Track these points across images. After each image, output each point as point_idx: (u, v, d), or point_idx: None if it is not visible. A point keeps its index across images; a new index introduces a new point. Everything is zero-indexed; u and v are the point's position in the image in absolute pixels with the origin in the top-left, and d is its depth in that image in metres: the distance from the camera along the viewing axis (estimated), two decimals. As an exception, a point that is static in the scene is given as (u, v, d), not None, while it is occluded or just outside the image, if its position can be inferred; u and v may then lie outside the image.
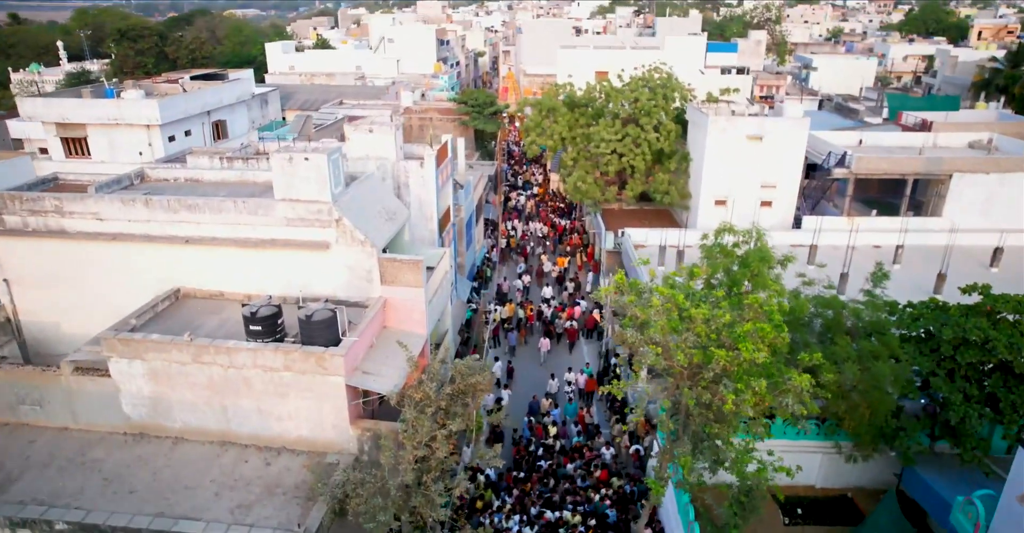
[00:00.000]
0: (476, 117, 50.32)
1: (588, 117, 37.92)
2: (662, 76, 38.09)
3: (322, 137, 47.18)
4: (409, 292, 20.24)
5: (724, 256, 20.53)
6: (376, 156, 25.47)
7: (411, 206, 26.06)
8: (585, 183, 35.78)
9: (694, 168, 35.56)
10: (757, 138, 33.10)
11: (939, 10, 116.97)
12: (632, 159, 35.29)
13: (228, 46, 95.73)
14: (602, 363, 29.45)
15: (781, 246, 34.05)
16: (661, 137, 35.36)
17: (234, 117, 36.33)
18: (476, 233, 35.86)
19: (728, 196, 34.25)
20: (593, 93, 37.93)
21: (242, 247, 20.25)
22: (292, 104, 61.15)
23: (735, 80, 49.46)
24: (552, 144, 37.61)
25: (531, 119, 38.46)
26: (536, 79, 74.30)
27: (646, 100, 35.45)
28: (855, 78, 79.19)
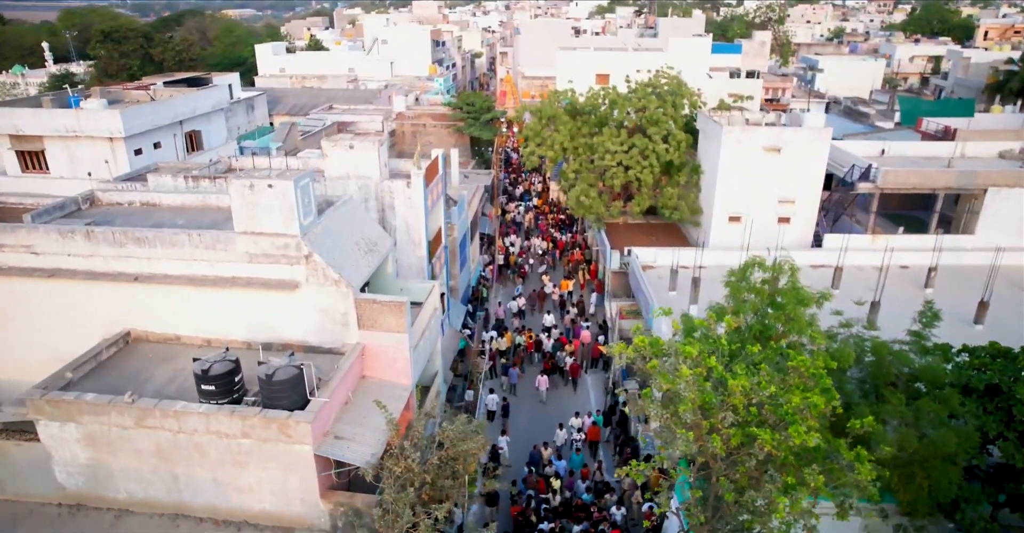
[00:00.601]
0: (472, 123, 47.49)
1: (591, 126, 35.14)
2: (670, 81, 35.30)
3: (308, 146, 44.39)
4: (391, 338, 17.46)
5: (753, 294, 17.74)
6: (358, 175, 22.69)
7: (397, 230, 23.28)
8: (588, 197, 33.00)
9: (705, 181, 32.79)
10: (775, 150, 30.34)
11: (944, 10, 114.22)
12: (639, 172, 32.52)
13: (219, 47, 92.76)
14: (608, 399, 26.68)
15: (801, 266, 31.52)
16: (671, 148, 32.59)
17: (210, 127, 33.53)
18: (471, 251, 33.07)
19: (743, 212, 31.49)
20: (596, 100, 35.12)
21: (198, 286, 17.45)
22: (280, 109, 58.31)
23: (744, 85, 46.69)
24: (553, 155, 34.83)
25: (530, 128, 35.66)
26: (535, 82, 71.47)
27: (654, 108, 32.66)
28: (862, 80, 76.48)
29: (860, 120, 61.19)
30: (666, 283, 28.56)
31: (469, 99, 48.48)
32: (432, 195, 24.25)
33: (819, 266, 30.64)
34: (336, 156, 22.51)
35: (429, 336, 19.80)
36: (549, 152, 34.69)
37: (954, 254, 29.53)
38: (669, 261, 30.43)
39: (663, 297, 27.49)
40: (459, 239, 29.76)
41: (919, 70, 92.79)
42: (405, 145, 49.83)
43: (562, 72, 60.59)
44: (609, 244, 33.00)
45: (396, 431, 15.59)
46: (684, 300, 26.63)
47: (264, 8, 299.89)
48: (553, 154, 34.74)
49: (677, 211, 32.61)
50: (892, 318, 24.54)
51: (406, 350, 17.58)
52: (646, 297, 27.91)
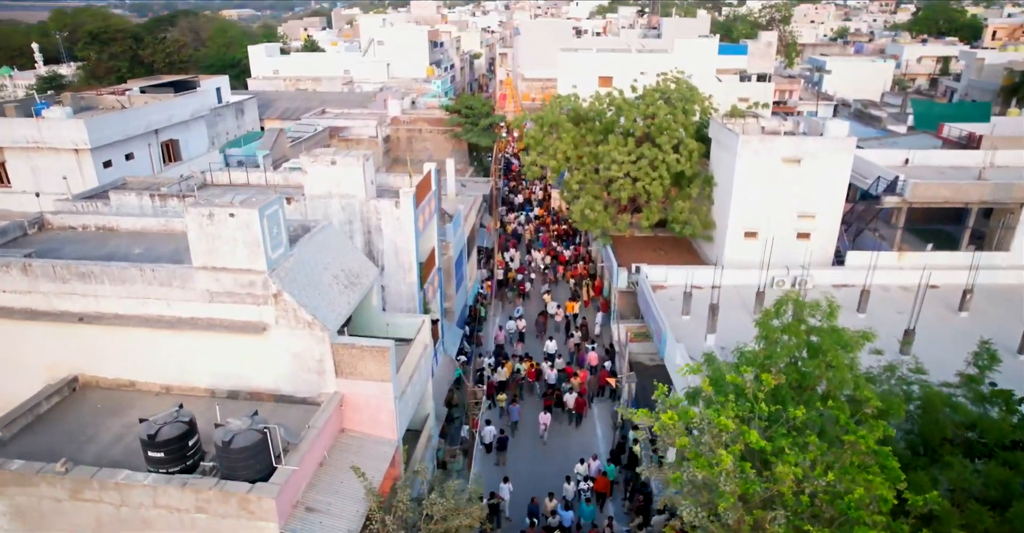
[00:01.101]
0: (470, 129, 45.17)
1: (596, 134, 32.81)
2: (680, 86, 32.97)
3: (298, 153, 42.08)
4: (374, 387, 15.17)
5: (787, 335, 15.43)
6: (341, 194, 20.38)
7: (384, 255, 20.96)
8: (593, 211, 30.68)
9: (719, 194, 30.48)
10: (795, 161, 28.04)
11: (951, 10, 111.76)
12: (648, 184, 30.20)
13: (212, 48, 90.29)
14: (616, 436, 24.37)
15: (822, 286, 29.25)
16: (682, 158, 30.28)
17: (189, 135, 31.21)
18: (468, 269, 30.77)
19: (760, 228, 29.19)
20: (601, 106, 32.80)
21: (153, 328, 15.15)
22: (272, 113, 55.99)
23: (755, 88, 44.33)
24: (555, 165, 32.50)
25: (531, 136, 33.33)
26: (535, 84, 69.15)
27: (664, 115, 30.34)
28: (871, 82, 74.16)
29: (872, 124, 58.82)
30: (679, 306, 26.25)
31: (467, 103, 46.17)
32: (424, 214, 21.94)
33: (841, 286, 28.37)
34: (317, 173, 20.20)
35: (419, 379, 17.49)
36: (551, 162, 32.38)
37: (988, 273, 27.24)
38: (681, 280, 28.15)
39: (676, 322, 25.20)
40: (455, 258, 27.46)
41: (927, 71, 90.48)
42: (400, 151, 47.53)
43: (564, 74, 58.29)
44: (616, 261, 30.68)
45: (379, 503, 13.31)
46: (699, 327, 24.34)
47: (263, 8, 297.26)
48: (555, 164, 32.43)
49: (689, 226, 30.30)
50: (929, 348, 22.33)
51: (391, 400, 15.29)
52: (657, 321, 25.61)
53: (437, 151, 47.27)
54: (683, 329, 24.63)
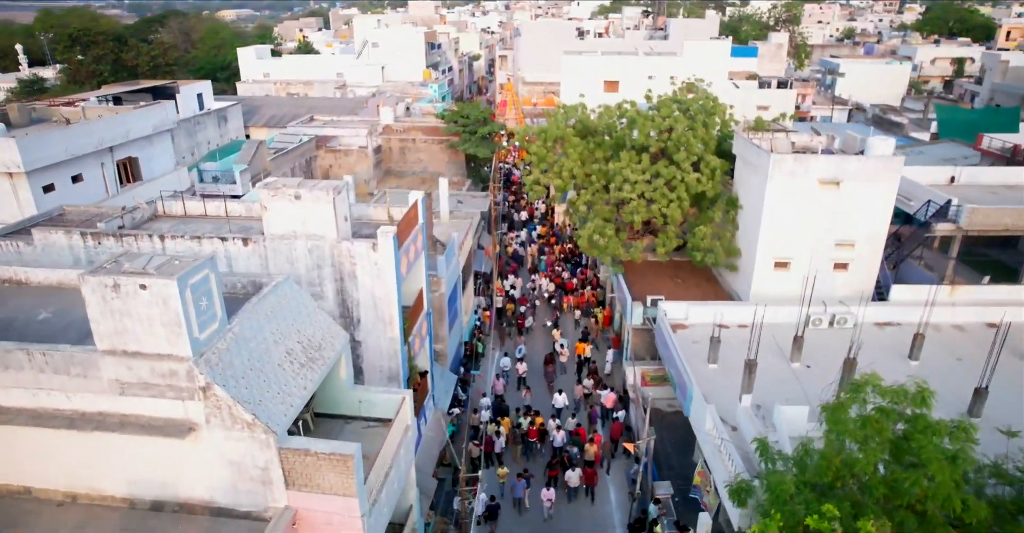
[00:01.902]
0: (467, 139, 41.59)
1: (606, 149, 29.24)
2: (698, 96, 29.42)
3: (281, 167, 38.54)
4: (335, 502, 11.63)
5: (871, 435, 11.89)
6: (307, 234, 16.82)
7: (360, 306, 17.41)
8: (603, 236, 27.10)
9: (745, 218, 26.91)
10: (833, 183, 24.47)
11: (962, 9, 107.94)
12: (664, 206, 26.63)
13: (203, 50, 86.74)
14: (634, 508, 20.81)
15: (863, 324, 25.70)
16: (703, 178, 26.71)
17: (152, 151, 27.66)
18: (462, 302, 27.20)
19: (792, 257, 25.63)
20: (611, 117, 29.22)
21: (49, 427, 11.62)
22: (257, 120, 52.44)
23: (775, 96, 40.70)
24: (560, 183, 28.91)
25: (533, 151, 29.73)
26: (537, 88, 65.58)
27: (682, 129, 26.77)
28: (887, 85, 70.60)
29: (892, 130, 55.18)
30: (703, 350, 22.72)
31: (464, 111, 42.57)
32: (409, 254, 18.38)
33: (885, 324, 24.87)
34: (278, 209, 16.63)
35: (397, 473, 13.94)
36: (556, 180, 28.79)
37: (1054, 311, 23.70)
38: (705, 318, 24.66)
39: (702, 372, 21.66)
40: (448, 294, 23.90)
41: (941, 73, 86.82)
42: (392, 162, 43.98)
43: (567, 78, 54.74)
44: (630, 293, 27.11)
45: None
46: (728, 378, 20.84)
47: (262, 8, 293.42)
48: (561, 183, 28.84)
49: (711, 254, 26.74)
50: (1004, 410, 18.85)
51: (357, 518, 11.75)
52: (679, 371, 22.09)
53: (432, 162, 43.73)
54: (711, 382, 21.12)
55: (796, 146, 28.11)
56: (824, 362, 22.51)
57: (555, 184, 28.86)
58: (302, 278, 17.12)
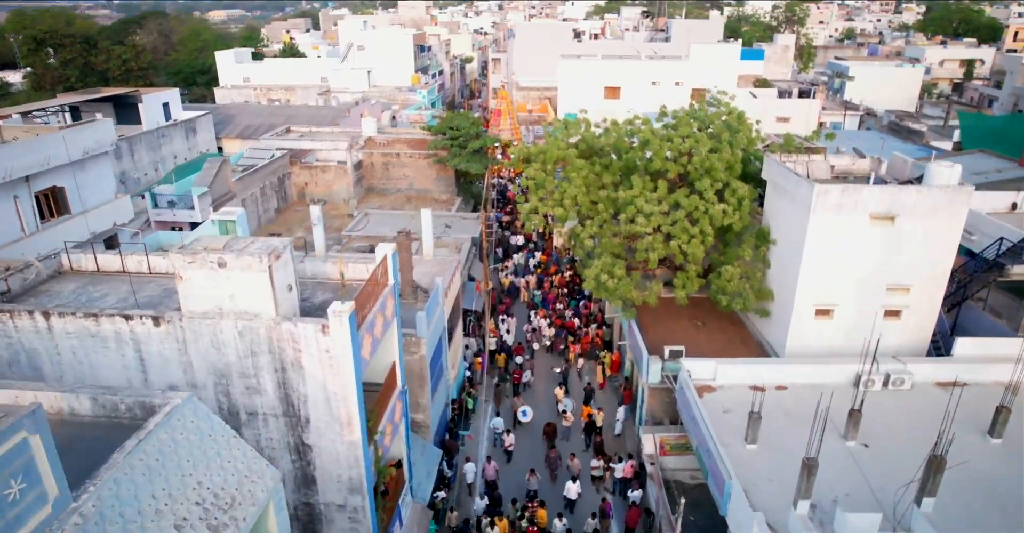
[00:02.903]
0: (456, 153, 37.36)
1: (614, 173, 25.10)
2: (720, 111, 25.30)
3: (248, 187, 34.27)
4: None
5: None
6: (237, 312, 12.61)
7: (308, 403, 13.21)
8: (613, 277, 22.93)
9: (778, 255, 22.82)
10: (888, 218, 20.41)
11: (968, 9, 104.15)
12: (685, 243, 22.49)
13: (183, 52, 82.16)
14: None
15: (923, 385, 21.69)
16: (729, 209, 22.58)
17: (85, 178, 23.37)
18: (449, 356, 23.00)
19: (836, 303, 21.56)
20: (620, 135, 25.02)
21: None
22: (231, 130, 48.09)
23: (797, 107, 36.57)
24: (562, 213, 24.69)
25: (531, 175, 25.52)
26: (532, 93, 61.39)
27: (706, 152, 22.63)
28: (899, 89, 66.57)
29: (911, 139, 51.24)
30: (737, 422, 18.63)
31: (453, 122, 38.28)
32: (375, 329, 14.18)
33: (945, 384, 20.79)
34: (197, 280, 12.41)
35: None
36: (557, 210, 24.58)
37: None
38: (737, 378, 20.61)
39: (740, 457, 17.56)
40: (430, 354, 19.72)
41: (950, 75, 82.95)
42: (375, 179, 39.73)
43: (564, 84, 50.66)
44: (644, 345, 22.96)
45: None
46: (772, 468, 16.81)
47: (253, 8, 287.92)
48: (562, 212, 24.64)
49: (740, 298, 22.63)
50: None
51: None
52: (708, 449, 18.00)
53: (418, 178, 39.50)
54: (750, 469, 17.04)
55: (836, 170, 24.08)
56: (884, 438, 18.50)
57: (556, 213, 24.67)
58: (232, 368, 12.93)
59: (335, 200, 38.00)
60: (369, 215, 35.14)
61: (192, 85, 74.21)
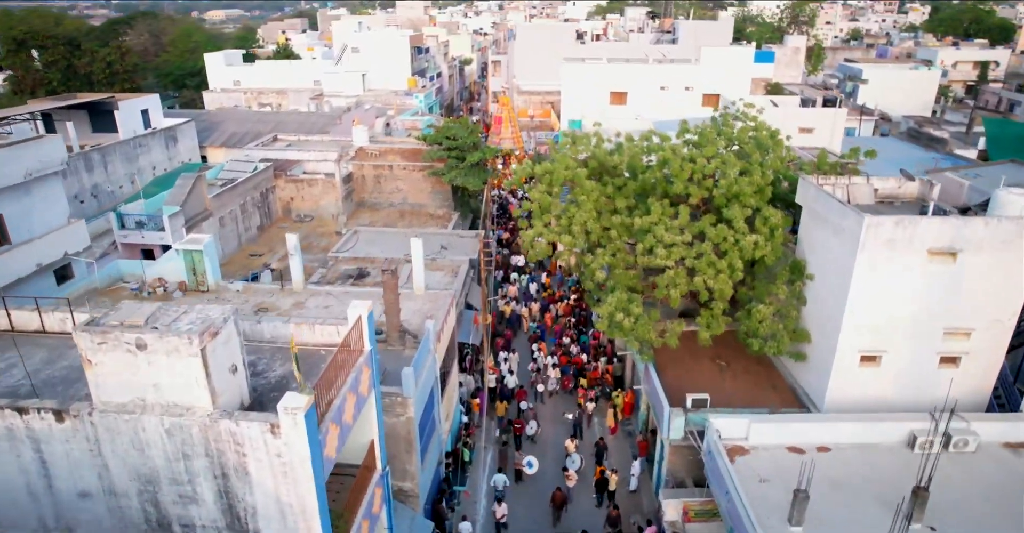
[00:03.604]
0: (453, 166, 34.47)
1: (628, 194, 22.21)
2: (746, 124, 22.44)
3: (228, 205, 31.39)
4: None
5: None
6: (164, 404, 9.74)
7: (258, 517, 10.33)
8: (630, 316, 20.06)
9: (816, 291, 19.97)
10: (948, 254, 17.55)
11: (978, 9, 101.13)
12: (711, 278, 19.61)
13: (173, 54, 79.11)
14: None
15: (989, 447, 18.83)
16: (761, 240, 19.70)
17: (30, 203, 20.47)
18: (442, 408, 20.10)
19: (884, 349, 18.71)
20: (635, 153, 22.13)
21: None
22: (217, 138, 45.21)
23: (822, 116, 33.67)
24: (570, 240, 21.79)
25: (535, 198, 22.61)
26: (533, 98, 58.48)
27: (735, 175, 19.76)
28: (915, 92, 63.66)
29: (932, 147, 48.24)
30: (777, 495, 15.79)
31: (450, 131, 35.34)
32: (343, 414, 11.29)
33: (1014, 445, 17.97)
34: (111, 365, 9.53)
35: None
36: (565, 237, 21.68)
37: None
38: (773, 438, 17.80)
39: (783, 542, 14.73)
40: (419, 413, 16.85)
41: (963, 78, 79.98)
42: (366, 193, 36.85)
43: (568, 89, 47.77)
44: (664, 395, 20.09)
45: None
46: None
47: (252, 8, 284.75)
48: (570, 240, 21.74)
49: (773, 341, 19.76)
50: None
51: None
52: (744, 526, 15.16)
53: (412, 192, 36.60)
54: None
55: (880, 194, 21.17)
56: (952, 516, 15.67)
57: (564, 242, 21.77)
58: (160, 473, 10.06)
59: (323, 216, 35.13)
60: (359, 233, 32.29)
61: (182, 88, 71.32)
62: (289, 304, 21.01)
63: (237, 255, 31.30)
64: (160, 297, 21.21)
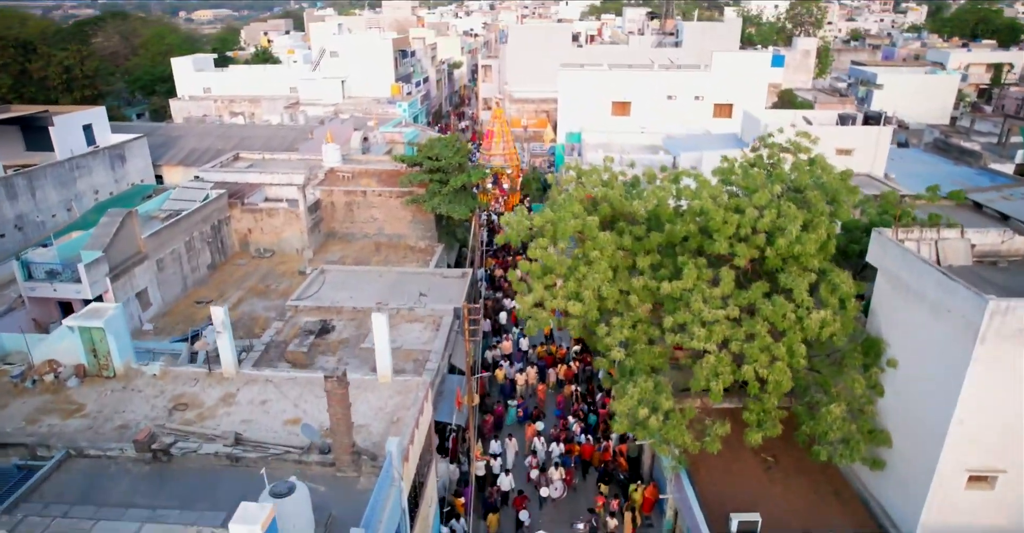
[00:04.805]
0: (436, 191, 29.48)
1: (651, 249, 17.27)
2: (800, 159, 17.58)
3: (169, 244, 26.26)
4: None
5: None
6: None
7: None
8: (657, 412, 15.14)
9: (900, 383, 15.10)
10: (1097, 348, 12.70)
11: (987, 10, 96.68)
12: (763, 367, 14.70)
13: (145, 57, 73.58)
14: None
15: None
16: (829, 315, 14.79)
17: None
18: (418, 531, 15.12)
19: (1001, 468, 13.88)
20: (660, 198, 17.13)
21: None
22: (174, 156, 40.01)
23: (863, 135, 28.81)
24: (580, 309, 16.81)
25: (534, 256, 17.61)
26: (527, 106, 53.44)
27: (796, 233, 14.84)
28: (933, 98, 59.11)
29: (963, 160, 43.65)
30: None
31: (433, 150, 30.25)
32: None
33: None
34: None
35: None
36: (574, 306, 16.70)
37: None
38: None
39: None
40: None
41: (976, 81, 75.47)
42: (336, 222, 31.77)
43: (565, 98, 42.72)
44: (703, 514, 15.22)
45: None
46: None
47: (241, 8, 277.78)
48: (580, 308, 16.76)
49: (846, 449, 14.87)
50: None
51: None
52: None
53: (389, 222, 31.57)
54: None
55: (978, 251, 16.31)
56: None
57: (574, 311, 16.80)
58: None
59: (285, 250, 30.07)
60: (326, 274, 27.27)
61: (151, 94, 65.94)
62: (216, 398, 16.01)
63: (182, 302, 26.23)
64: (49, 388, 16.18)
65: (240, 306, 26.00)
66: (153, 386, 16.39)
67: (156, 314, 25.04)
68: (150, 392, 16.13)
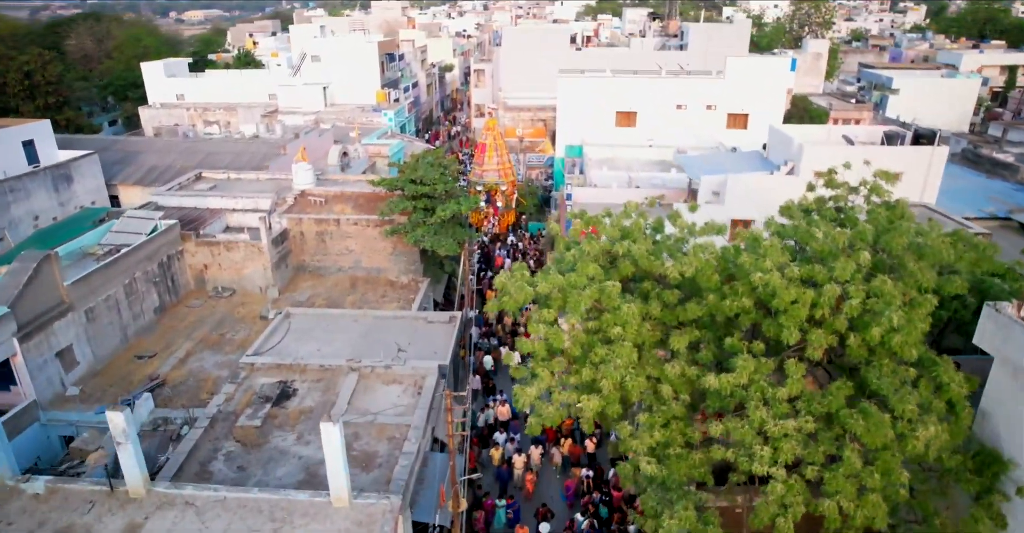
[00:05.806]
0: (420, 220, 25.35)
1: (689, 321, 13.18)
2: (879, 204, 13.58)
3: (101, 291, 22.00)
4: None
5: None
6: None
7: None
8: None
9: None
10: None
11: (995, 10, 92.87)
12: (849, 501, 10.64)
13: (119, 61, 69.01)
14: None
15: None
16: (935, 427, 10.73)
17: None
18: None
19: None
20: (706, 267, 13.01)
21: None
22: (131, 174, 35.77)
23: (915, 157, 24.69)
24: (597, 404, 12.76)
25: (537, 329, 13.53)
26: (522, 114, 49.27)
27: (895, 316, 10.76)
28: (953, 104, 55.21)
29: (996, 173, 39.94)
30: None
31: (417, 172, 26.02)
32: None
33: None
34: None
35: None
36: (591, 402, 12.63)
37: None
38: None
39: None
40: None
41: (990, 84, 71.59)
42: (307, 253, 27.60)
43: (565, 107, 38.72)
44: None
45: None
46: None
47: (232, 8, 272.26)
48: (598, 402, 12.71)
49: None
50: None
51: None
52: None
53: (367, 254, 27.41)
54: None
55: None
56: None
57: (590, 406, 12.69)
58: None
59: (248, 288, 25.91)
60: (291, 319, 23.16)
61: (123, 100, 61.50)
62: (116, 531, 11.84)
63: (120, 357, 22.07)
64: None
65: (188, 362, 21.86)
66: (32, 514, 12.22)
67: (85, 374, 20.87)
68: (25, 524, 11.96)
